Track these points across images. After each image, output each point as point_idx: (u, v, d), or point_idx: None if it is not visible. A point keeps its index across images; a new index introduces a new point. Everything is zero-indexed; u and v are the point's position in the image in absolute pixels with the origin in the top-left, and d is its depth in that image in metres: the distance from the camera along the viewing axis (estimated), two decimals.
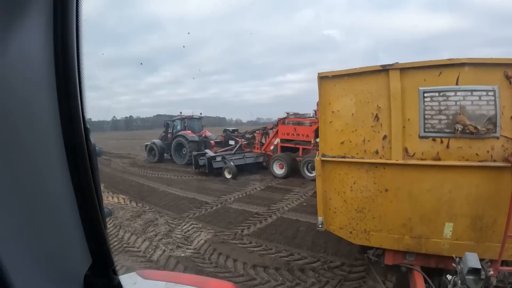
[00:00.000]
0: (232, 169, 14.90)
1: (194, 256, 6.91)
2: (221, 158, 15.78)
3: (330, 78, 4.50)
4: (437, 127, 3.93)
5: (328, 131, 4.57)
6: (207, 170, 15.60)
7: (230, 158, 15.69)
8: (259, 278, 5.85)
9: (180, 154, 20.19)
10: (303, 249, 6.87)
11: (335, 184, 4.54)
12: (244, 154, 16.48)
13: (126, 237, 8.12)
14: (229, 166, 15.09)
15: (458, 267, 3.30)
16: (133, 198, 11.82)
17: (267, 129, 16.79)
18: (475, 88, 3.77)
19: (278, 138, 15.50)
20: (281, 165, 14.54)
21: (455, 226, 3.99)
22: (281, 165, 14.52)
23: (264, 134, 16.73)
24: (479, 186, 3.85)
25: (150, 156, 22.01)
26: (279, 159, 14.65)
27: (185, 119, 21.61)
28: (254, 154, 16.53)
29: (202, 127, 22.25)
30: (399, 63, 4.06)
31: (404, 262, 4.49)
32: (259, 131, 17.03)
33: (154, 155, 21.66)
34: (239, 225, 8.67)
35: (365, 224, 4.44)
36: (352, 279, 5.58)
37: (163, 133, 22.77)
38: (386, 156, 4.18)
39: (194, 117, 22.21)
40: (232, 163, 15.28)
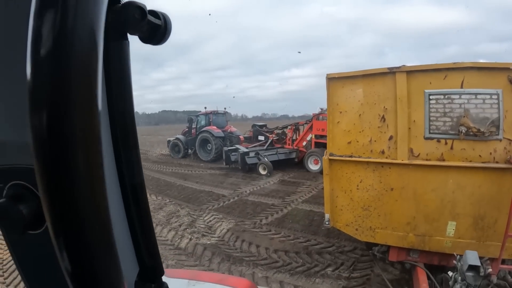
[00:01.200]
0: (268, 165, 14.37)
1: (220, 243, 7.38)
2: (255, 153, 15.26)
3: (338, 79, 4.64)
4: (441, 129, 4.04)
5: (336, 131, 4.71)
6: (240, 166, 15.10)
7: (264, 154, 15.14)
8: (281, 260, 6.37)
9: (205, 150, 19.47)
10: (319, 236, 7.33)
11: (342, 182, 4.69)
12: (277, 150, 15.83)
13: None
14: (264, 162, 14.55)
15: (459, 264, 3.43)
16: (152, 192, 12.06)
17: (298, 124, 16.39)
18: (479, 92, 3.87)
19: (312, 133, 15.01)
20: (316, 160, 14.17)
21: (458, 225, 4.11)
22: (316, 161, 14.13)
23: (295, 130, 16.30)
24: (481, 186, 3.96)
25: (174, 152, 21.53)
26: (315, 155, 14.23)
27: (209, 114, 21.00)
28: (286, 150, 15.98)
29: (226, 122, 21.63)
30: (405, 66, 4.18)
31: (408, 259, 4.62)
32: (291, 126, 16.53)
33: (178, 151, 21.27)
34: (257, 215, 9.07)
35: (370, 222, 4.58)
36: (365, 261, 6.04)
37: (186, 129, 22.16)
38: (392, 156, 4.31)
39: (218, 112, 21.57)
40: (266, 159, 14.75)
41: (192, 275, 1.72)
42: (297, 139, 15.85)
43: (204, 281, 1.56)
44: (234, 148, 16.08)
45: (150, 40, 0.67)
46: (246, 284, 1.54)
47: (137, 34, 0.66)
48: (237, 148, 16.04)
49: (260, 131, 18.56)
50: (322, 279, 5.63)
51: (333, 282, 5.51)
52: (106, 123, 0.71)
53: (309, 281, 5.60)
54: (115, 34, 0.64)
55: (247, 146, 17.10)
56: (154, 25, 0.65)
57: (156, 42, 0.68)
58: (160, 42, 0.69)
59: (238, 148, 15.95)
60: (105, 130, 0.69)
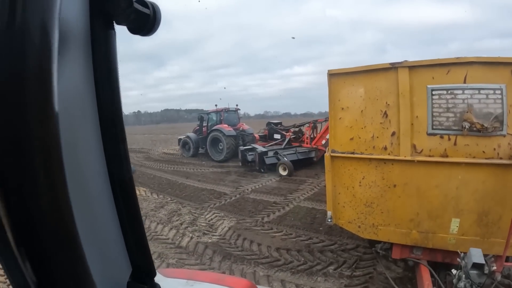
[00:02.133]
0: (288, 166, 13.43)
1: (221, 241, 7.35)
2: (274, 153, 14.49)
3: (339, 75, 4.60)
4: (444, 125, 4.00)
5: (338, 127, 4.68)
6: (257, 166, 14.25)
7: (283, 154, 14.30)
8: (283, 259, 6.34)
9: (216, 149, 18.58)
10: (321, 234, 7.29)
11: (344, 179, 4.65)
12: (296, 149, 15.04)
13: (153, 226, 8.54)
14: (284, 162, 13.62)
15: (463, 262, 3.39)
16: (153, 191, 12.11)
17: (317, 122, 15.41)
18: (483, 87, 3.82)
19: None
20: None
21: (462, 222, 4.06)
22: None
23: (313, 128, 15.36)
24: (485, 183, 3.91)
25: (184, 151, 20.81)
26: None
27: (220, 112, 20.09)
28: (305, 149, 15.13)
29: (239, 119, 20.72)
30: (408, 61, 4.13)
31: (411, 256, 4.57)
32: (309, 124, 15.63)
33: (189, 150, 20.44)
34: (259, 213, 9.05)
35: (373, 219, 4.54)
36: (367, 259, 6.00)
37: (197, 127, 21.33)
38: (394, 152, 4.27)
39: (230, 110, 20.60)
40: (286, 158, 13.90)
41: (189, 274, 1.70)
42: (316, 137, 15.03)
43: (202, 281, 1.55)
44: (250, 148, 15.36)
45: (138, 31, 0.67)
46: (245, 284, 1.52)
47: (125, 24, 0.65)
48: (254, 147, 15.19)
49: (276, 129, 17.94)
50: (324, 277, 5.59)
51: (335, 281, 5.47)
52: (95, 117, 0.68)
53: (311, 280, 5.56)
54: (100, 24, 0.63)
55: (263, 145, 16.28)
56: (142, 14, 0.64)
57: (145, 33, 0.67)
58: (150, 32, 0.68)
59: (255, 147, 15.08)
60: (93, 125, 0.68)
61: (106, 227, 0.71)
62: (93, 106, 0.67)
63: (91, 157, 0.68)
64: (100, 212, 0.70)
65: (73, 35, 0.58)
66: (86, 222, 0.61)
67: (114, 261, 0.74)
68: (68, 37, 0.56)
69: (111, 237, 0.73)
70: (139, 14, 0.64)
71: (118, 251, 0.76)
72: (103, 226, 0.70)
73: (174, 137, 36.96)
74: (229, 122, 19.51)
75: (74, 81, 0.61)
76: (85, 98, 0.65)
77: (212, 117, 20.33)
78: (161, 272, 1.77)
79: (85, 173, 0.65)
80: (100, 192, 0.71)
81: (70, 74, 0.59)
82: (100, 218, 0.69)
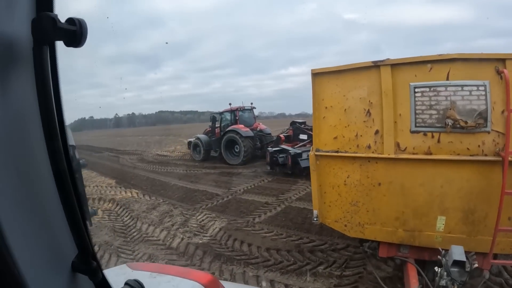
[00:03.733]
0: None
1: (211, 242, 7.38)
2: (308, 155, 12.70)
3: (323, 74, 4.57)
4: (428, 122, 3.97)
5: (322, 126, 4.64)
6: (290, 170, 12.94)
7: None
8: (273, 259, 6.36)
9: (232, 152, 17.33)
10: (311, 234, 7.30)
11: (329, 178, 4.62)
12: None
13: (144, 228, 8.60)
14: None
15: (443, 260, 3.37)
16: (146, 192, 12.17)
17: None
18: (466, 83, 3.80)
19: None
20: None
21: (448, 220, 4.04)
22: None
23: None
24: (470, 180, 3.89)
25: (195, 154, 19.36)
26: None
27: (235, 111, 18.56)
28: None
29: (255, 119, 19.35)
30: (390, 59, 4.11)
31: (398, 254, 4.55)
32: None
33: (199, 153, 19.00)
34: (250, 214, 9.07)
35: (359, 217, 4.52)
36: (357, 258, 6.02)
37: (209, 128, 19.92)
38: (378, 150, 4.24)
39: (245, 108, 19.12)
40: None
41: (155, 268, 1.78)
42: None
43: (166, 274, 1.60)
44: (280, 149, 13.84)
45: (70, 44, 0.79)
46: (208, 278, 1.56)
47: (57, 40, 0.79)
48: (285, 149, 13.69)
49: (302, 129, 16.08)
50: (314, 277, 5.58)
51: (325, 281, 5.46)
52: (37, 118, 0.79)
53: (300, 280, 5.56)
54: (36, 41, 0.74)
55: (291, 146, 14.85)
56: (70, 31, 0.77)
57: (76, 45, 0.79)
58: (78, 44, 0.80)
59: (287, 149, 13.49)
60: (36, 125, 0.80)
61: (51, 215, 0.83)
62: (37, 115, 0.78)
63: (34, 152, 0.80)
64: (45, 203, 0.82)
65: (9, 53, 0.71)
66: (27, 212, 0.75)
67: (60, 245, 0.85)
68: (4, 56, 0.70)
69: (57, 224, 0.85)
70: (66, 32, 0.76)
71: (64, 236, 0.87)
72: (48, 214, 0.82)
73: (168, 139, 37.00)
74: (245, 122, 18.22)
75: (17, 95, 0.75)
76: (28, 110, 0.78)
77: (226, 117, 18.88)
78: (129, 265, 1.81)
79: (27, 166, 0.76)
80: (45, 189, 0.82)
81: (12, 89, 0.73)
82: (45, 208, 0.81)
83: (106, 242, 7.64)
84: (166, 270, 1.69)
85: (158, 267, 1.83)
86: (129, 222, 9.07)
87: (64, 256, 0.87)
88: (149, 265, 1.97)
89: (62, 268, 0.85)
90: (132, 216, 9.52)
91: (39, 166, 0.81)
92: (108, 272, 1.04)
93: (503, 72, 3.63)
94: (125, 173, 16.51)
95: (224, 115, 18.90)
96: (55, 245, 0.84)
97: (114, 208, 10.47)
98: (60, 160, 0.82)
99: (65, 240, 0.88)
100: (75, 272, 0.88)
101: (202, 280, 1.50)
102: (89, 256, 0.91)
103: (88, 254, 0.91)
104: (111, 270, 1.75)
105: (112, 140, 39.70)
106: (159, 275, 1.58)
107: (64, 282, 0.85)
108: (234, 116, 18.49)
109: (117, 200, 11.27)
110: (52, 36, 0.75)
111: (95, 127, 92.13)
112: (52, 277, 0.82)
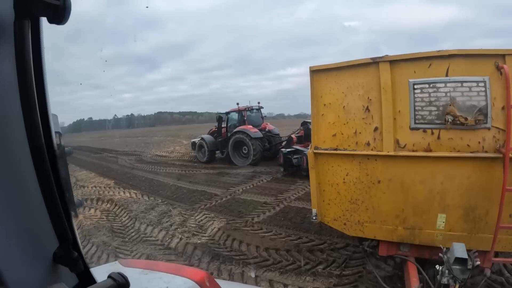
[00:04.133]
0: None
1: (210, 242, 7.34)
2: None
3: (321, 71, 4.54)
4: (427, 119, 3.93)
5: (321, 124, 4.61)
6: (305, 171, 11.87)
7: None
8: (271, 259, 6.32)
9: (239, 154, 16.74)
10: (310, 233, 7.24)
11: (328, 176, 4.58)
12: None
13: (142, 228, 8.58)
14: None
15: (445, 257, 3.33)
16: (145, 193, 12.14)
17: None
18: (465, 79, 3.76)
19: None
20: None
21: (448, 217, 4.00)
22: None
23: None
24: (471, 177, 3.85)
25: (200, 155, 18.76)
26: None
27: (243, 111, 17.86)
28: None
29: (262, 119, 18.74)
30: (388, 56, 4.07)
31: (399, 253, 4.51)
32: None
33: (204, 154, 18.40)
34: (249, 213, 9.02)
35: (358, 216, 4.48)
36: (357, 258, 5.97)
37: (214, 128, 19.42)
38: (377, 148, 4.20)
39: (253, 108, 18.52)
40: None
41: (147, 265, 1.73)
42: None
43: (158, 271, 1.58)
44: (293, 150, 13.41)
45: (53, 20, 0.77)
46: (201, 275, 1.53)
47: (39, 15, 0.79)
48: (299, 149, 13.29)
49: None
50: (313, 277, 5.54)
51: (324, 280, 5.41)
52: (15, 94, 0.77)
53: (299, 279, 5.51)
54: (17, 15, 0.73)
55: (303, 146, 14.29)
56: (53, 6, 0.75)
57: (58, 21, 0.78)
58: (61, 21, 0.78)
59: (301, 150, 13.07)
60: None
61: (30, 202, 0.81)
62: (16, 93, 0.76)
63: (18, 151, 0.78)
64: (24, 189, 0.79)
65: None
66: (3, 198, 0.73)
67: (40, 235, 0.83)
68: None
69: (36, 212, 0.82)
70: (49, 6, 0.74)
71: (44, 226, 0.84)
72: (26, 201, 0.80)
73: (167, 140, 36.94)
74: (252, 122, 17.64)
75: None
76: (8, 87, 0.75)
77: (232, 117, 18.28)
78: (121, 262, 1.78)
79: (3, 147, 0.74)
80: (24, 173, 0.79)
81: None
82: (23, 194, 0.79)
83: (104, 243, 7.62)
84: (158, 267, 1.68)
85: (150, 264, 1.80)
86: (127, 222, 9.05)
87: (44, 246, 0.85)
88: (141, 262, 1.95)
89: (42, 259, 0.84)
90: (131, 216, 9.50)
91: (18, 149, 0.78)
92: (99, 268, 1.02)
93: (503, 67, 3.59)
94: (124, 174, 16.53)
95: (231, 115, 18.35)
96: (34, 235, 0.82)
97: (113, 208, 10.44)
98: (38, 140, 0.79)
99: (46, 230, 0.85)
100: (56, 264, 0.87)
101: (194, 277, 1.48)
102: (69, 246, 0.89)
103: (68, 244, 0.89)
104: (102, 267, 1.72)
105: (110, 141, 39.84)
106: (150, 271, 1.55)
107: (43, 273, 0.83)
108: (241, 116, 17.85)
109: (116, 200, 11.24)
110: (33, 9, 0.74)
111: (94, 128, 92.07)
112: (31, 268, 0.80)
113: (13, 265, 0.73)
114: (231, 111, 18.37)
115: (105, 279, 0.89)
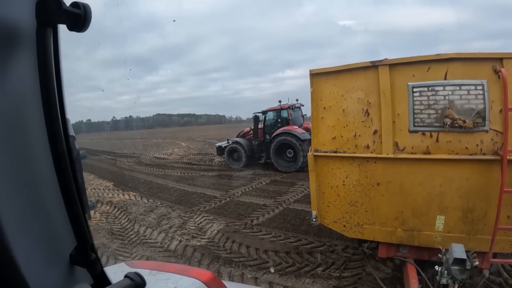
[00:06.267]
0: None
1: (209, 244, 7.33)
2: None
3: (321, 74, 4.57)
4: (426, 122, 3.97)
5: (320, 127, 4.64)
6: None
7: None
8: (271, 261, 6.32)
9: (283, 157, 14.92)
10: (310, 235, 7.26)
11: (328, 178, 4.61)
12: None
13: (142, 230, 8.55)
14: None
15: (444, 258, 3.36)
16: (144, 195, 12.09)
17: None
18: (464, 83, 3.80)
19: None
20: None
21: (447, 219, 4.04)
22: None
23: None
24: (469, 179, 3.89)
25: (231, 161, 16.73)
26: None
27: (286, 109, 15.88)
28: None
29: (302, 118, 16.65)
30: (388, 59, 4.12)
31: (398, 254, 4.54)
32: None
33: (238, 159, 16.46)
34: (248, 216, 9.02)
35: (358, 218, 4.51)
36: (356, 259, 5.99)
37: (248, 129, 17.45)
38: (377, 150, 4.24)
39: (295, 107, 16.34)
40: None
41: (155, 266, 1.74)
42: None
43: (166, 271, 1.59)
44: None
45: (74, 27, 0.78)
46: (208, 276, 1.54)
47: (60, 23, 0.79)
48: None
49: None
50: (312, 279, 5.55)
51: (323, 282, 5.43)
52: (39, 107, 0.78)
53: (299, 281, 5.51)
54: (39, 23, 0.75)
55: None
56: (75, 14, 0.76)
57: (79, 29, 0.79)
58: (82, 29, 0.79)
59: None
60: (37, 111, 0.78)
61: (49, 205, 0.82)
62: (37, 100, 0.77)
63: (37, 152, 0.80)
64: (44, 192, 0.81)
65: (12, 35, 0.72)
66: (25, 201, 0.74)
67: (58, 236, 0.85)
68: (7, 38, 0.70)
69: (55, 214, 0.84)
70: (71, 14, 0.76)
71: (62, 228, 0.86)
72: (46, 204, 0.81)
73: (166, 142, 36.87)
74: (294, 122, 15.77)
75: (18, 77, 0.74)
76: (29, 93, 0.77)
77: (273, 117, 16.36)
78: (128, 263, 1.79)
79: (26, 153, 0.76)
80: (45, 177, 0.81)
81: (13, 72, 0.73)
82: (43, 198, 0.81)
83: (104, 245, 7.59)
84: (166, 268, 1.69)
85: (157, 265, 1.82)
86: (126, 225, 9.01)
87: (62, 248, 0.86)
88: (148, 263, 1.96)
89: (59, 260, 0.85)
90: (130, 219, 9.47)
91: (38, 153, 0.80)
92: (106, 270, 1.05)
93: (501, 71, 3.64)
94: (123, 176, 16.47)
95: (268, 114, 16.43)
96: (53, 237, 0.84)
97: (112, 210, 10.39)
98: (61, 146, 0.81)
99: (64, 231, 0.87)
100: (73, 265, 0.88)
101: (202, 277, 1.49)
102: (88, 248, 0.90)
103: (87, 246, 0.90)
104: (109, 268, 1.74)
105: (109, 143, 39.67)
106: (158, 272, 1.56)
107: (61, 274, 0.85)
108: (282, 116, 16.00)
109: (115, 202, 11.18)
110: (56, 17, 0.75)
111: (93, 130, 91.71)
112: (49, 269, 0.81)
113: (35, 266, 0.74)
114: (268, 110, 16.52)
115: (122, 279, 0.91)
